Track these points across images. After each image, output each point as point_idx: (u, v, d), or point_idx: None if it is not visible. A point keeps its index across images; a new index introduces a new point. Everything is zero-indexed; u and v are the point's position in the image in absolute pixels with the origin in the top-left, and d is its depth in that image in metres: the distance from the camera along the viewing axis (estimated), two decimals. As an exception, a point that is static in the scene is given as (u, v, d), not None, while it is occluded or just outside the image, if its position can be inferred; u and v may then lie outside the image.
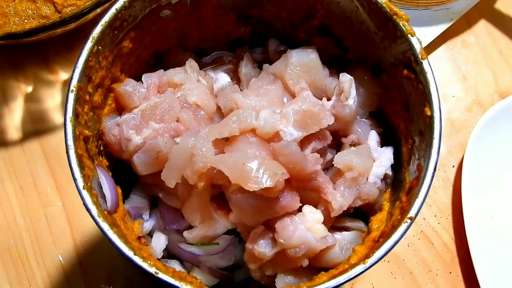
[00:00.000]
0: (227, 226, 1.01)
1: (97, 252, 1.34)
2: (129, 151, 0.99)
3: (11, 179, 1.39)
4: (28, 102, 1.45)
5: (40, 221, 1.36)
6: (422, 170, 0.90)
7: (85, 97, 0.94)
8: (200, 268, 1.07)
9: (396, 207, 0.96)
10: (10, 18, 1.31)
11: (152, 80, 1.05)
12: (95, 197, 0.89)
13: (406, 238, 1.37)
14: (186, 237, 1.03)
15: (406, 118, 1.02)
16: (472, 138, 1.35)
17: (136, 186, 1.09)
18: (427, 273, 1.35)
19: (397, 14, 0.95)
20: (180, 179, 0.96)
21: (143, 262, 0.84)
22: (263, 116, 0.97)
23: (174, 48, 1.15)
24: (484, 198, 1.37)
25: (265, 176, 0.89)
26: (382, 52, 1.03)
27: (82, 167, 0.89)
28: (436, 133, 0.90)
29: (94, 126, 0.99)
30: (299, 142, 0.98)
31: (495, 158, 1.40)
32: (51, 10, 1.33)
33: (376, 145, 1.07)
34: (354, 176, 1.00)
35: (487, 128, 1.37)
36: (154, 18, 1.03)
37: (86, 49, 0.92)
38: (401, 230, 0.87)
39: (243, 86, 1.12)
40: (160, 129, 0.99)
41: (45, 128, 1.43)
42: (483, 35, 1.55)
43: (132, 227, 1.00)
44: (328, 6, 1.05)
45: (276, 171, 0.90)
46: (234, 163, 0.91)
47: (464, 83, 1.51)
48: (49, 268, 1.34)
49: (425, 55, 0.93)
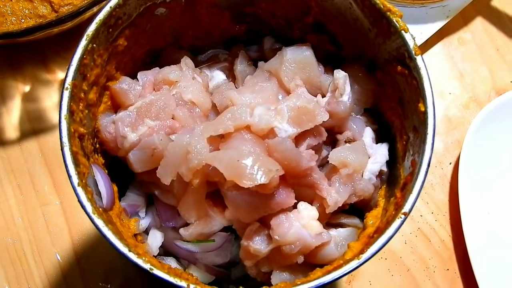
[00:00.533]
0: (223, 223, 1.01)
1: (95, 250, 1.35)
2: (125, 148, 1.00)
3: (9, 178, 1.40)
4: (26, 101, 1.45)
5: (38, 220, 1.37)
6: (416, 165, 0.91)
7: (80, 95, 0.94)
8: (197, 265, 1.07)
9: (390, 203, 0.96)
10: (7, 17, 1.31)
11: (148, 77, 1.06)
12: (90, 194, 0.89)
13: (404, 235, 1.37)
14: (182, 234, 1.03)
15: (400, 114, 1.02)
16: (468, 135, 1.36)
17: (132, 184, 1.09)
18: (424, 270, 1.36)
19: (391, 10, 0.95)
20: (175, 177, 0.96)
21: (138, 258, 0.85)
22: (258, 113, 0.97)
23: (169, 47, 1.15)
24: (481, 195, 1.37)
25: (259, 173, 0.89)
26: (376, 49, 1.03)
27: (77, 164, 0.90)
28: (430, 129, 0.90)
29: (90, 124, 0.99)
30: (294, 139, 0.98)
31: (492, 155, 1.40)
32: (48, 9, 1.34)
33: (371, 142, 1.07)
34: (349, 172, 1.00)
35: (483, 125, 1.37)
36: (148, 16, 1.03)
37: (80, 47, 0.93)
38: (395, 225, 0.87)
39: (239, 83, 1.12)
40: (155, 126, 1.00)
41: (43, 127, 1.43)
42: (479, 32, 1.55)
43: (128, 225, 1.00)
44: (322, 3, 1.05)
45: (270, 168, 0.90)
46: (228, 160, 0.91)
47: (461, 80, 1.51)
48: (47, 267, 1.34)
49: (419, 51, 0.93)
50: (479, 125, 1.37)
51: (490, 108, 1.38)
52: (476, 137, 1.36)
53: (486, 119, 1.37)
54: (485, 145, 1.38)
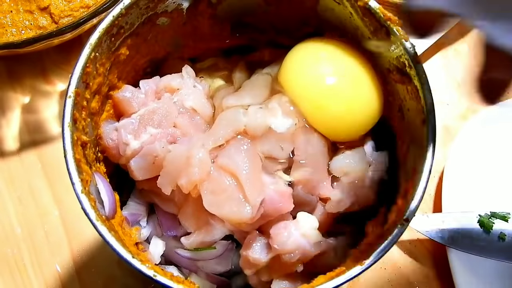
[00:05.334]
0: (224, 232, 1.02)
1: (94, 260, 1.35)
2: (127, 155, 1.00)
3: (8, 189, 1.39)
4: (26, 112, 1.45)
5: (37, 231, 1.37)
6: (417, 172, 0.91)
7: (82, 103, 0.95)
8: (198, 273, 1.08)
9: (392, 211, 0.96)
10: (7, 29, 1.32)
11: (150, 86, 1.06)
12: (93, 201, 0.89)
13: (403, 246, 1.38)
14: (183, 243, 1.03)
15: (401, 123, 1.03)
16: (452, 150, 1.38)
17: (133, 193, 1.10)
18: (424, 280, 1.36)
19: (391, 19, 0.96)
20: (175, 187, 0.97)
21: (142, 265, 0.85)
22: (251, 113, 0.99)
23: (171, 59, 1.16)
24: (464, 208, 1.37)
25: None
26: (376, 58, 1.04)
27: (80, 171, 0.90)
28: (431, 135, 0.91)
29: (92, 133, 1.00)
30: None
31: (477, 167, 1.40)
32: (48, 21, 1.34)
33: (372, 150, 1.07)
34: (351, 180, 1.01)
35: (467, 139, 1.39)
36: (150, 25, 1.04)
37: (83, 55, 0.93)
38: (397, 232, 0.88)
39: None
40: (157, 134, 1.00)
41: (43, 138, 1.43)
42: (475, 43, 1.56)
43: (129, 233, 1.00)
44: (323, 13, 1.06)
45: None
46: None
47: (458, 91, 1.52)
48: (47, 277, 1.34)
49: (419, 59, 0.94)
50: (463, 138, 1.39)
51: (474, 121, 1.40)
52: (460, 151, 1.38)
53: (469, 133, 1.39)
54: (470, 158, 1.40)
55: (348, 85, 1.01)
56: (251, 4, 1.09)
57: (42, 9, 1.34)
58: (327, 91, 1.00)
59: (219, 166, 0.95)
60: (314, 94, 1.00)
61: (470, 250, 1.28)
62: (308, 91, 1.01)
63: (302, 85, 1.01)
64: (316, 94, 1.00)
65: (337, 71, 1.02)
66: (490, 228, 1.28)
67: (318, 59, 1.04)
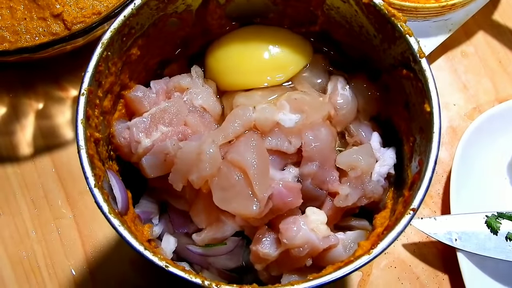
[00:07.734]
0: (235, 228, 1.03)
1: (107, 262, 1.36)
2: (138, 153, 1.02)
3: (23, 193, 1.42)
4: (39, 118, 1.48)
5: (51, 234, 1.39)
6: (423, 164, 0.92)
7: (95, 101, 0.97)
8: (209, 270, 1.09)
9: (399, 202, 0.98)
10: (22, 36, 1.35)
11: (160, 86, 1.09)
12: (106, 196, 0.91)
13: (412, 244, 1.39)
14: (195, 239, 1.05)
15: (406, 117, 1.05)
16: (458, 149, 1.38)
17: (145, 192, 1.11)
18: (433, 278, 1.37)
19: (395, 15, 0.98)
20: (186, 183, 0.99)
21: (154, 256, 0.86)
22: (260, 109, 1.01)
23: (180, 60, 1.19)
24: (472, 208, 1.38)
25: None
26: (381, 55, 1.06)
27: (93, 167, 0.92)
28: (436, 128, 0.93)
29: (104, 131, 1.02)
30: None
31: (483, 167, 1.42)
32: (61, 27, 1.37)
33: (379, 146, 1.09)
34: (358, 174, 1.02)
35: (474, 139, 1.40)
36: (161, 26, 1.07)
37: (96, 54, 0.96)
38: (404, 221, 0.89)
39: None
40: (168, 132, 1.02)
41: (56, 143, 1.46)
42: (482, 45, 1.58)
43: (142, 230, 1.01)
44: (328, 12, 1.08)
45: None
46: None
47: (465, 92, 1.53)
48: (61, 279, 1.36)
49: (423, 54, 0.96)
50: (469, 139, 1.39)
51: (478, 122, 1.41)
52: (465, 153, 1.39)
53: (474, 133, 1.40)
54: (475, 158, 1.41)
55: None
56: (258, 4, 1.12)
57: (55, 16, 1.36)
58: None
59: (228, 161, 0.97)
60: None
61: (478, 251, 1.29)
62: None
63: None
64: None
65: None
66: (497, 229, 1.29)
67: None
